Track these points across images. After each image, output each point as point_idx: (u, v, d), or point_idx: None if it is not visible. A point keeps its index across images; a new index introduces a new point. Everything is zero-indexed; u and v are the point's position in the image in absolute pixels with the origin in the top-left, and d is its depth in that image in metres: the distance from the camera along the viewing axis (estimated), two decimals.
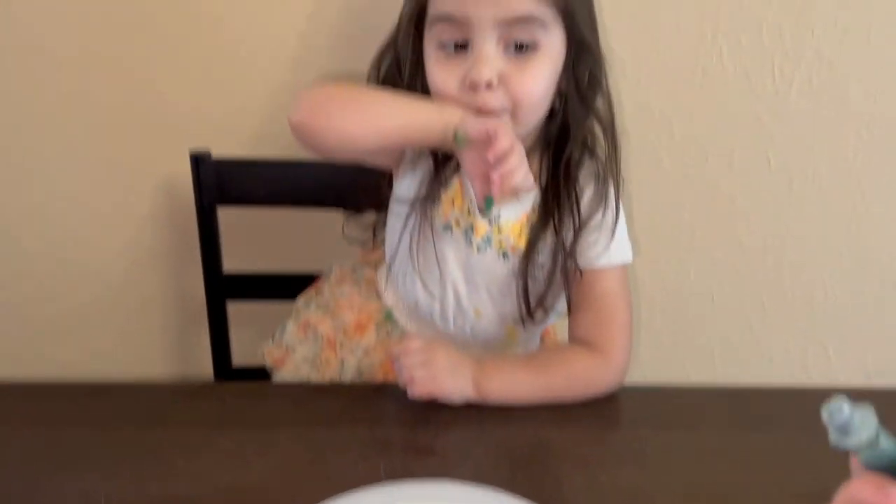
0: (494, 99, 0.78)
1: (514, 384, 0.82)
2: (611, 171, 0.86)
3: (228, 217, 1.11)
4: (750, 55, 1.11)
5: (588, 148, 0.87)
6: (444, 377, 0.79)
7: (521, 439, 0.76)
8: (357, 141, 0.80)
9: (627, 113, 1.14)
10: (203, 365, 1.22)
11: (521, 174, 0.75)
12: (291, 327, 0.99)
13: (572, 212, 0.85)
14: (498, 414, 0.79)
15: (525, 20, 0.77)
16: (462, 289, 0.89)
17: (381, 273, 0.97)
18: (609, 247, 0.86)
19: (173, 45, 1.11)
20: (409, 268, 0.90)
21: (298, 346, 0.98)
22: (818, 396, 0.88)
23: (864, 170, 1.17)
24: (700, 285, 1.26)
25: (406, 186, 0.88)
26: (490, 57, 0.77)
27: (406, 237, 0.88)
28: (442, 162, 0.86)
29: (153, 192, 1.19)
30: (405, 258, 0.90)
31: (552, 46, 0.80)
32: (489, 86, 0.77)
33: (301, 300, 1.03)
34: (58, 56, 1.12)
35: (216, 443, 0.73)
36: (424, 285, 0.90)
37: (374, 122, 0.80)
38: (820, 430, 0.77)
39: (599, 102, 0.87)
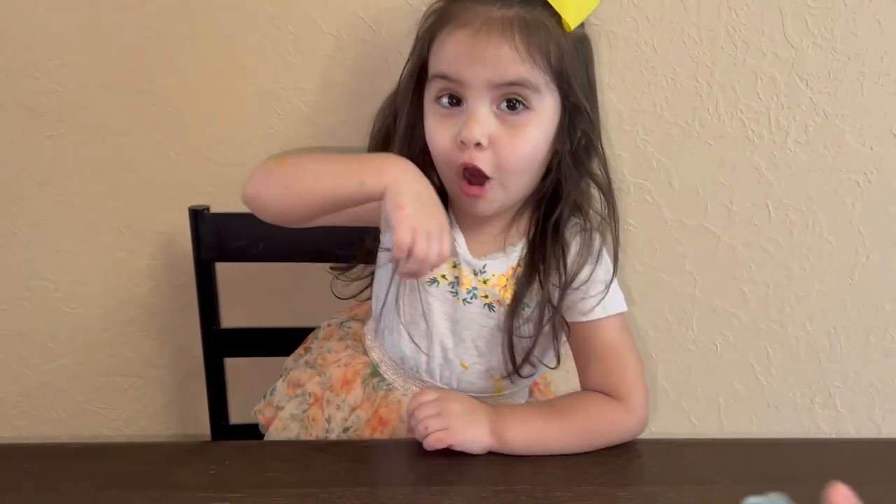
0: (482, 160, 0.79)
1: (533, 431, 0.81)
2: (610, 229, 0.87)
3: (226, 272, 1.10)
4: (746, 105, 1.12)
5: (577, 205, 0.87)
6: (459, 426, 0.78)
7: (530, 501, 0.74)
8: (296, 213, 0.84)
9: (626, 164, 1.15)
10: (200, 422, 1.20)
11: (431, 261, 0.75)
12: (281, 386, 0.99)
13: (558, 268, 0.85)
14: (504, 474, 0.78)
15: (518, 84, 0.78)
16: (448, 342, 0.89)
17: (369, 327, 0.97)
18: (604, 299, 0.86)
19: (174, 102, 1.12)
20: (395, 321, 0.91)
21: (287, 403, 0.97)
22: (832, 450, 0.88)
23: (863, 217, 1.17)
24: (703, 336, 1.25)
25: (389, 240, 0.88)
26: (481, 118, 0.79)
27: (393, 290, 0.89)
28: None
29: (151, 248, 1.18)
30: (392, 311, 0.90)
31: (544, 110, 0.80)
32: (479, 146, 0.79)
33: (290, 358, 1.03)
34: (56, 112, 1.12)
35: None
36: (411, 338, 0.90)
37: (305, 195, 0.82)
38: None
39: (595, 164, 0.87)
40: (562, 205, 0.85)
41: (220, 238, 1.05)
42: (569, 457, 0.81)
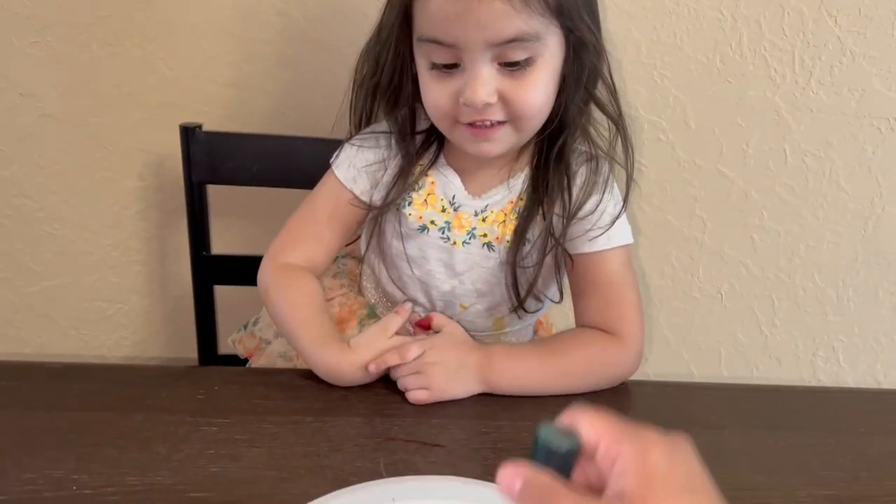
0: (491, 113, 0.74)
1: (527, 373, 0.78)
2: (627, 165, 0.81)
3: (218, 197, 1.05)
4: (770, 42, 1.06)
5: (584, 131, 0.82)
6: (442, 385, 0.75)
7: (530, 435, 0.71)
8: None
9: (641, 99, 1.09)
10: (188, 352, 1.16)
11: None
12: (267, 318, 0.94)
13: (563, 197, 0.81)
14: (506, 409, 0.75)
15: (517, 39, 0.71)
16: (446, 286, 0.86)
17: (365, 269, 0.93)
18: (610, 230, 0.81)
19: (166, 12, 1.05)
20: (382, 269, 0.88)
21: (274, 339, 0.94)
22: (839, 397, 0.85)
23: (882, 167, 1.13)
24: (708, 284, 1.22)
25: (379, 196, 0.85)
26: (484, 78, 0.72)
27: (375, 240, 0.87)
28: (408, 163, 0.83)
29: (140, 168, 1.13)
30: (384, 258, 0.87)
31: (549, 54, 0.74)
32: (487, 106, 0.73)
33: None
34: (41, 17, 1.05)
35: (201, 431, 0.68)
36: (404, 286, 0.87)
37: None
38: (844, 431, 0.74)
39: (603, 93, 0.82)
40: (567, 131, 0.80)
41: (212, 159, 1.00)
42: (571, 397, 0.78)
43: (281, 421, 0.70)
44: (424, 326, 0.83)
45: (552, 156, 0.81)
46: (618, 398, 0.79)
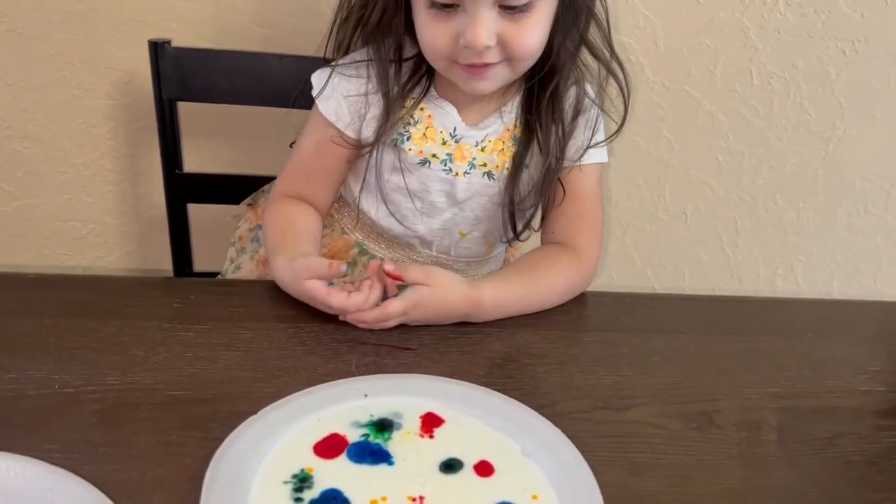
0: (490, 56, 0.75)
1: (510, 305, 0.78)
2: (625, 103, 0.84)
3: (189, 116, 1.05)
4: None
5: (571, 56, 0.83)
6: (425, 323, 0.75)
7: (497, 342, 0.74)
8: None
9: (611, 19, 1.10)
10: (163, 271, 1.18)
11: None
12: (249, 264, 0.95)
13: (554, 121, 0.83)
14: None
15: None
16: (447, 214, 0.88)
17: (345, 211, 0.94)
18: (589, 146, 0.84)
19: None
20: (381, 205, 0.88)
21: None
22: (791, 307, 0.89)
23: (845, 89, 1.16)
24: (674, 205, 1.25)
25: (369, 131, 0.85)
26: (485, 20, 0.73)
27: (372, 176, 0.86)
28: (398, 95, 0.83)
29: (109, 86, 1.12)
30: (374, 196, 0.87)
31: None
32: (486, 48, 0.74)
33: (245, 226, 0.99)
34: None
35: (178, 336, 0.70)
36: (403, 218, 0.88)
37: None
38: (794, 338, 0.79)
39: (596, 36, 0.83)
40: (553, 56, 0.81)
41: (182, 75, 0.99)
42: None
43: (256, 327, 0.72)
44: (395, 278, 0.79)
45: (545, 95, 0.82)
46: (578, 307, 0.83)
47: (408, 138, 0.84)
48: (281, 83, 1.00)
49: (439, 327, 0.75)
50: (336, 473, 0.55)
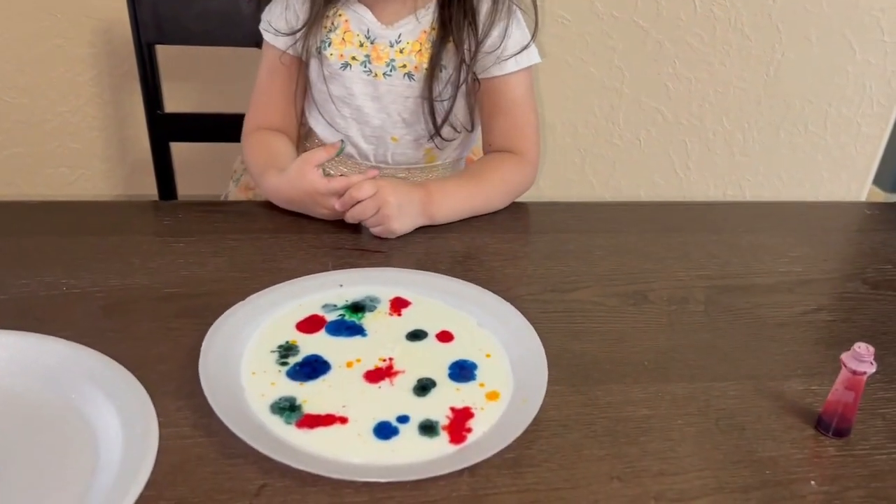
0: None
1: (459, 202, 0.87)
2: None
3: (168, 60, 1.12)
4: None
5: None
6: (393, 219, 0.81)
7: (459, 243, 0.83)
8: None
9: None
10: None
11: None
12: (234, 190, 1.03)
13: (469, 29, 0.88)
14: (434, 227, 0.86)
15: None
16: (376, 120, 0.94)
17: (307, 142, 1.01)
18: (517, 55, 0.90)
19: None
20: (320, 116, 0.95)
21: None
22: (726, 208, 0.98)
23: (782, 14, 1.23)
24: (628, 131, 1.33)
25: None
26: None
27: (311, 90, 0.94)
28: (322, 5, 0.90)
29: (90, 35, 1.18)
30: (313, 108, 0.95)
31: None
32: None
33: (238, 161, 1.07)
34: None
35: (172, 247, 0.78)
36: (339, 128, 0.95)
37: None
38: (726, 232, 0.88)
39: None
40: None
41: (159, 19, 1.06)
42: (490, 214, 0.90)
43: (240, 238, 0.80)
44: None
45: None
46: (531, 214, 0.91)
47: (329, 44, 0.91)
48: (250, 24, 1.06)
49: (406, 235, 0.83)
50: (316, 344, 0.64)
